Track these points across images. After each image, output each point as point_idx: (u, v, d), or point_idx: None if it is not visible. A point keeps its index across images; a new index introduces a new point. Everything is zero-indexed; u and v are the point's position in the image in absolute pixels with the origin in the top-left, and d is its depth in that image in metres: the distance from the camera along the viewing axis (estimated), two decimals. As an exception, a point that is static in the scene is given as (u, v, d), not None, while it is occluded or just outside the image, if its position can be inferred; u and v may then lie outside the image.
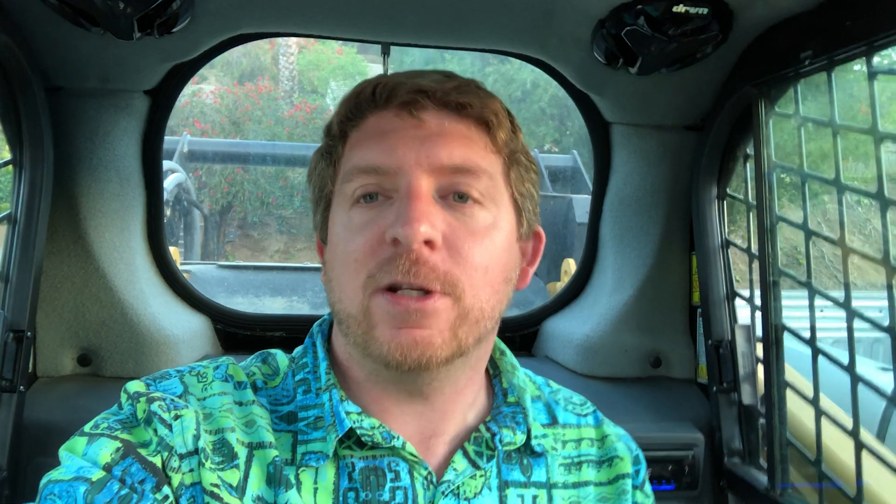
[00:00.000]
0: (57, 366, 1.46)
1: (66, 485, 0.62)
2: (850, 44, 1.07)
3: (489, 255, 0.70)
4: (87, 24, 1.18)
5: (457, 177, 0.70)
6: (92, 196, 1.44)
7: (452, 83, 0.73)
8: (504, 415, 0.79)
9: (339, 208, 0.74)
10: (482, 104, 0.73)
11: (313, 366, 0.77)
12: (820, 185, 1.21)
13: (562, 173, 6.73)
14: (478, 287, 0.69)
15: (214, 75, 14.27)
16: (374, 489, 0.69)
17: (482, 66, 13.04)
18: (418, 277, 0.66)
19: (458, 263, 0.68)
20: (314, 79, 14.40)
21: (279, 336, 1.69)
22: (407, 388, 0.73)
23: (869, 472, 1.15)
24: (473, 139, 0.72)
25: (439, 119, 0.72)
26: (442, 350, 0.67)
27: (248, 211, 12.00)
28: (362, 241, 0.69)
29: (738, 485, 1.40)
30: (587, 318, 1.71)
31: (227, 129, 12.28)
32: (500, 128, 0.74)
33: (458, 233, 0.69)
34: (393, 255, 0.67)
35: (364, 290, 0.68)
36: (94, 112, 1.42)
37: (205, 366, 0.76)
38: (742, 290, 1.47)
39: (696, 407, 1.54)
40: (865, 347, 5.91)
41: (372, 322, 0.68)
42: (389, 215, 0.68)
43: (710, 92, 1.42)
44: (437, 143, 0.70)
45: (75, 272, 1.45)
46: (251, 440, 0.70)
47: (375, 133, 0.72)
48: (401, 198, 0.69)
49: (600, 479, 0.83)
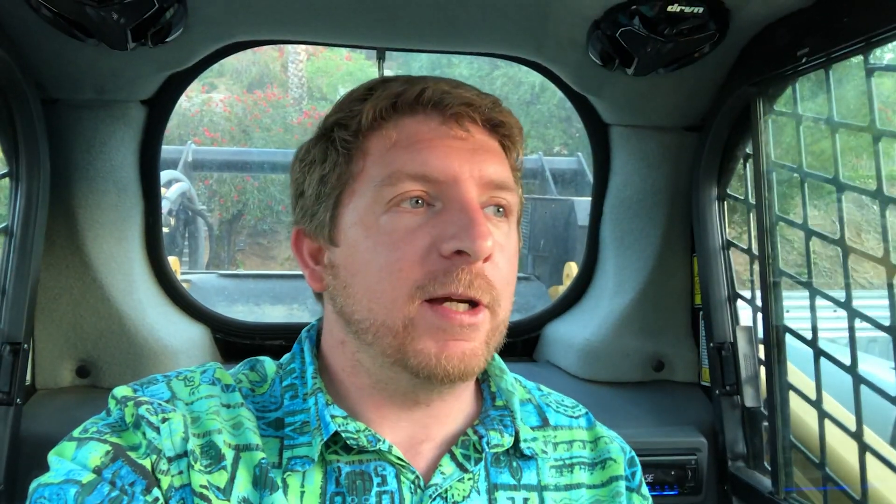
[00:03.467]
0: (55, 378, 1.46)
1: (56, 488, 0.62)
2: (847, 41, 1.06)
3: (512, 268, 0.74)
4: (82, 35, 1.18)
5: (496, 191, 0.72)
6: (89, 207, 1.44)
7: (489, 99, 0.74)
8: (492, 418, 0.78)
9: (368, 211, 0.70)
10: (512, 123, 0.75)
11: (301, 371, 0.77)
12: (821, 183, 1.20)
13: (567, 175, 6.70)
14: (506, 300, 0.72)
15: (224, 84, 14.37)
16: (361, 493, 0.69)
17: (491, 69, 13.04)
18: (477, 290, 0.67)
19: (497, 278, 0.69)
20: (323, 85, 14.47)
21: (279, 345, 1.68)
22: (418, 397, 0.73)
23: (874, 474, 1.13)
24: (504, 156, 0.75)
25: (482, 134, 0.73)
26: (480, 362, 0.69)
27: (259, 219, 12.05)
28: (411, 250, 0.67)
29: (742, 489, 1.38)
30: (588, 323, 1.69)
31: (236, 138, 12.35)
32: (518, 146, 0.77)
33: (497, 247, 0.70)
34: (449, 267, 0.66)
35: (410, 300, 0.67)
36: (90, 123, 1.42)
37: (192, 370, 0.76)
38: (744, 292, 1.45)
39: (700, 410, 1.52)
40: (876, 347, 5.80)
41: (415, 334, 0.67)
42: (443, 225, 0.67)
43: (708, 92, 1.41)
44: (484, 158, 0.71)
45: (73, 284, 1.45)
46: (238, 442, 0.69)
47: (421, 140, 0.71)
48: (456, 209, 0.68)
49: (594, 481, 0.82)
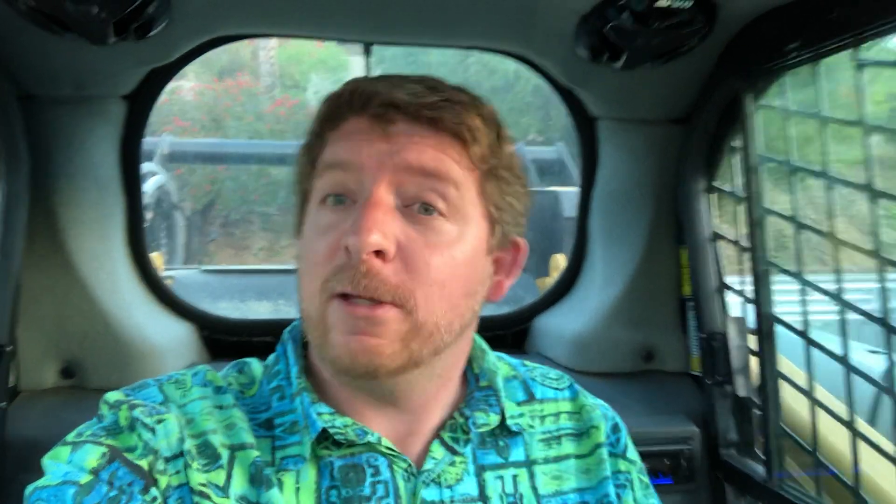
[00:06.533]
0: (39, 379, 1.43)
1: (53, 490, 0.61)
2: (837, 35, 1.06)
3: (448, 270, 0.69)
4: (61, 29, 1.15)
5: (424, 181, 0.69)
6: (70, 205, 1.41)
7: (429, 98, 0.71)
8: (476, 399, 0.80)
9: (311, 206, 0.75)
10: (457, 119, 0.71)
11: (286, 372, 0.77)
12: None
13: (548, 166, 6.71)
14: (433, 302, 0.68)
15: (193, 72, 14.08)
16: (355, 485, 0.70)
17: (464, 56, 12.97)
18: (367, 290, 0.66)
19: (412, 277, 0.67)
20: (295, 73, 14.27)
21: (267, 341, 1.66)
22: (370, 393, 0.74)
23: (865, 458, 1.15)
24: (446, 150, 0.71)
25: (410, 132, 0.71)
26: (391, 360, 0.67)
27: (232, 209, 11.90)
28: (323, 246, 0.69)
29: (735, 476, 1.40)
30: (578, 314, 1.70)
31: (207, 127, 12.14)
32: (476, 143, 0.72)
33: (415, 245, 0.68)
34: (346, 264, 0.66)
35: (320, 295, 0.68)
36: (69, 119, 1.38)
37: (183, 374, 0.77)
38: (733, 282, 1.47)
39: (690, 400, 1.54)
40: (853, 330, 5.92)
41: (327, 326, 0.68)
42: (347, 221, 0.68)
43: (696, 85, 1.41)
44: (405, 148, 0.69)
45: (55, 283, 1.42)
46: (232, 442, 0.70)
47: (348, 133, 0.73)
48: (361, 204, 0.68)
49: (581, 451, 0.83)
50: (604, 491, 0.81)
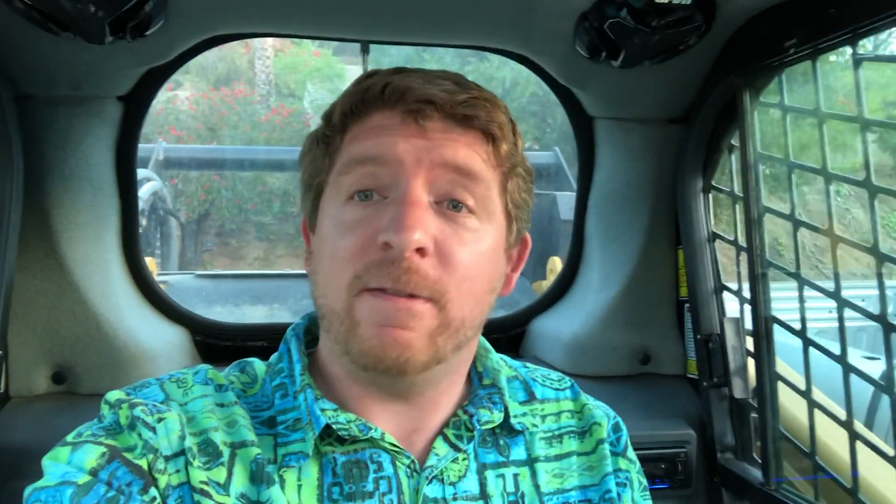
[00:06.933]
0: (30, 385, 1.41)
1: (52, 490, 0.61)
2: (834, 31, 1.07)
3: (476, 266, 0.70)
4: (57, 28, 1.14)
5: (457, 178, 0.70)
6: (64, 207, 1.39)
7: (462, 95, 0.72)
8: (480, 397, 0.80)
9: (331, 201, 0.73)
10: (488, 117, 0.73)
11: (289, 370, 0.77)
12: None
13: (544, 170, 6.72)
14: (463, 297, 0.69)
15: (189, 80, 14.11)
16: (358, 481, 0.70)
17: (461, 64, 12.99)
18: (408, 285, 0.66)
19: (447, 272, 0.68)
20: (291, 82, 14.29)
21: (260, 346, 1.65)
22: (385, 389, 0.74)
23: (863, 462, 1.14)
24: (476, 148, 0.72)
25: (445, 128, 0.72)
26: (421, 354, 0.67)
27: (227, 218, 11.86)
28: (353, 241, 0.68)
29: (732, 480, 1.39)
30: (574, 317, 1.69)
31: (203, 136, 12.12)
32: (504, 140, 0.74)
33: (450, 241, 0.69)
34: (383, 260, 0.66)
35: (349, 289, 0.68)
36: (65, 120, 1.37)
37: (184, 372, 0.76)
38: (730, 283, 1.46)
39: (687, 403, 1.53)
40: (849, 337, 5.93)
41: (355, 320, 0.68)
42: (384, 217, 0.68)
43: (694, 83, 1.41)
44: (440, 145, 0.70)
45: (48, 287, 1.40)
46: (233, 440, 0.70)
47: (378, 128, 0.72)
48: (396, 200, 0.68)
49: (583, 448, 0.84)
50: (606, 486, 0.81)
